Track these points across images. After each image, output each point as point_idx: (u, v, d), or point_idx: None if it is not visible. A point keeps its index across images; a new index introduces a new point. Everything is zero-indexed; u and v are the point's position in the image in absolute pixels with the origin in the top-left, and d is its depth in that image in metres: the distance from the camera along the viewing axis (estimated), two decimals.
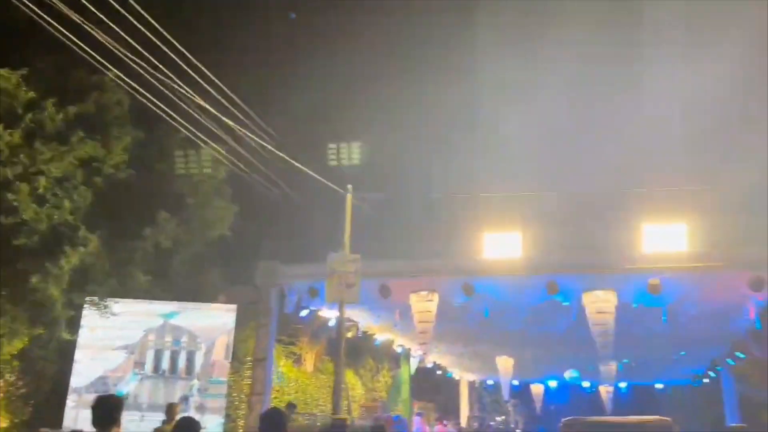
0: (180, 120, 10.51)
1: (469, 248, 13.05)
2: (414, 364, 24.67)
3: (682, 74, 12.20)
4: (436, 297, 13.20)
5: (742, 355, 17.88)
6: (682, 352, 18.62)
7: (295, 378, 18.81)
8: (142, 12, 8.66)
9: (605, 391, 25.54)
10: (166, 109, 10.16)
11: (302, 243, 14.12)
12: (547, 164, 13.07)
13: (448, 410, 32.68)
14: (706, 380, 24.92)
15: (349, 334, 20.39)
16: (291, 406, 12.88)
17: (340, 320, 12.16)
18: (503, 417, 38.23)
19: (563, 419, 12.05)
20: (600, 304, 11.85)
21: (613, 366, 20.87)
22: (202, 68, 10.14)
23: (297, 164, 12.42)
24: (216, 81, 10.70)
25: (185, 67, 9.71)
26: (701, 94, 12.22)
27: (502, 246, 12.80)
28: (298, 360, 19.86)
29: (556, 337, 16.53)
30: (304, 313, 15.89)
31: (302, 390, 19.17)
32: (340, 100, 13.82)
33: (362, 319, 17.13)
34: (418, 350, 24.11)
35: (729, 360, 19.16)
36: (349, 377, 23.16)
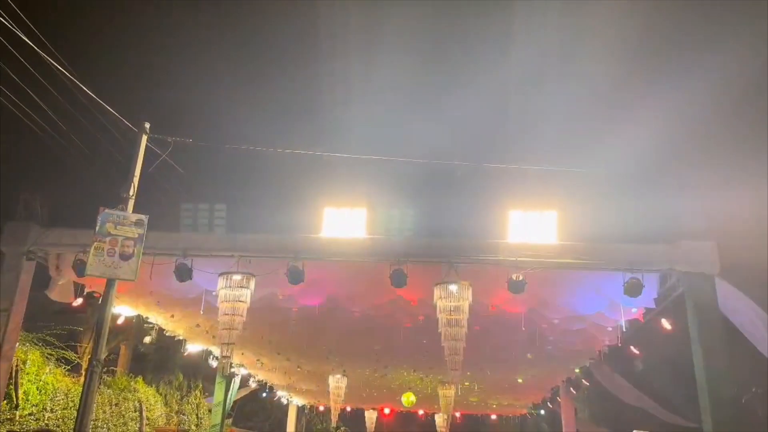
0: None
1: (302, 223, 10.34)
2: (235, 382, 21.04)
3: (555, 46, 10.54)
4: (252, 283, 10.18)
5: (586, 383, 16.72)
6: (530, 374, 17.07)
7: (66, 391, 14.49)
8: None
9: (442, 419, 23.75)
10: None
11: (77, 201, 10.47)
12: (401, 131, 10.74)
13: None
14: (542, 412, 24.00)
15: (147, 339, 16.52)
16: None
17: (106, 307, 8.60)
18: None
19: None
20: (453, 302, 9.57)
21: (451, 390, 19.09)
22: None
23: (77, 81, 8.90)
24: None
25: None
26: (577, 70, 10.70)
27: (343, 223, 10.27)
28: (76, 369, 15.54)
29: (399, 345, 14.07)
30: (78, 302, 12.03)
31: (76, 407, 14.84)
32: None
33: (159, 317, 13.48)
34: (242, 365, 20.63)
35: (572, 388, 17.98)
36: (149, 395, 19.05)
